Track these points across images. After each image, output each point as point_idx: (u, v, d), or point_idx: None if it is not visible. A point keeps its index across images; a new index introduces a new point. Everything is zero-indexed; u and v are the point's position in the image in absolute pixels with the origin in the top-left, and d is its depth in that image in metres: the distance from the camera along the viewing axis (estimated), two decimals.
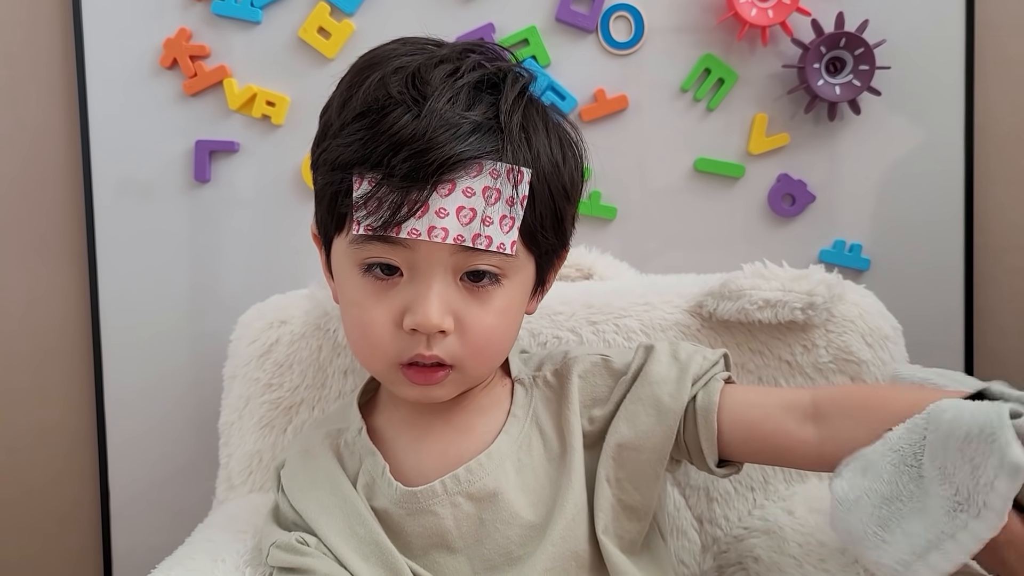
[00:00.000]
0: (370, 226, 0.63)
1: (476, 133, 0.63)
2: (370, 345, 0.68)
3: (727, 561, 0.85)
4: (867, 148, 1.08)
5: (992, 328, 1.12)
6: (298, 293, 0.97)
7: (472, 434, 0.73)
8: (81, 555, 1.17)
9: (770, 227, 1.09)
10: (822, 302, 0.86)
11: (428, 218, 0.63)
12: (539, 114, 0.69)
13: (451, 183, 0.63)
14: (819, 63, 1.04)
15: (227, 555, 0.75)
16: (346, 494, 0.71)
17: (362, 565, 0.68)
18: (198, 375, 1.11)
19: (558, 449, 0.72)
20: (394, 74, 0.65)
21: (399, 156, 0.62)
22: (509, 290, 0.68)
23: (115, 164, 1.09)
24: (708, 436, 0.69)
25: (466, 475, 0.70)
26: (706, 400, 0.70)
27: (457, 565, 0.70)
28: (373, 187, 0.63)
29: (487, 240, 0.64)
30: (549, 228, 0.69)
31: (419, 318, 0.64)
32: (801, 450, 0.67)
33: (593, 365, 0.75)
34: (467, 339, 0.66)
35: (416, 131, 0.62)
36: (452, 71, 0.66)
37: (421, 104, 0.63)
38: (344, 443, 0.75)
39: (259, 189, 1.10)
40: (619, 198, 1.09)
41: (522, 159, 0.65)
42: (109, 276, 1.11)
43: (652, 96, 1.08)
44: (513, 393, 0.75)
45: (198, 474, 1.08)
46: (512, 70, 0.69)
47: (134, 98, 1.08)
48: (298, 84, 1.08)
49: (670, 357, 0.72)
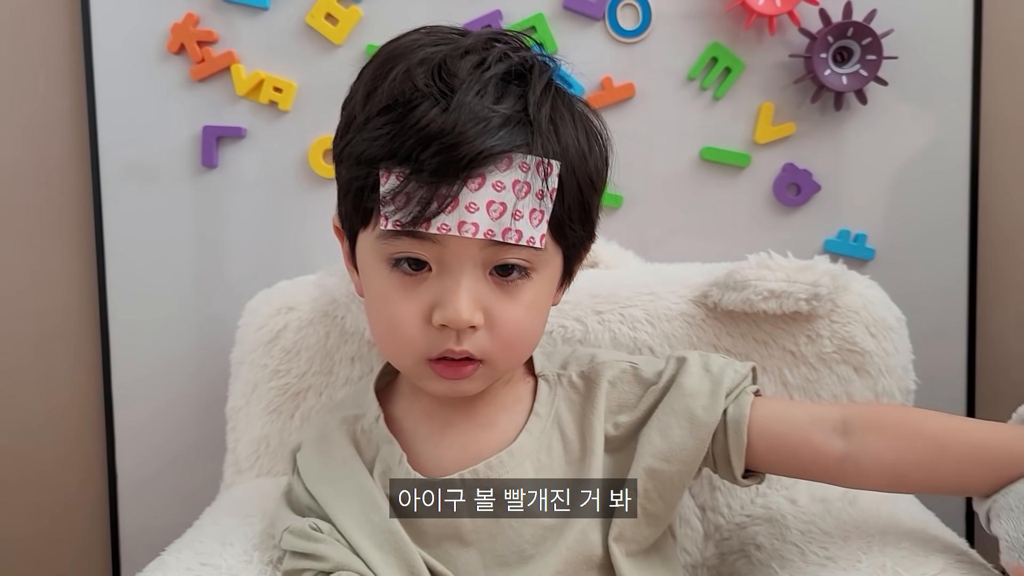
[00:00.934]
0: (399, 221, 0.63)
1: (506, 127, 0.62)
2: (398, 341, 0.67)
3: (729, 549, 0.86)
4: (873, 138, 1.08)
5: (996, 319, 1.12)
6: (305, 279, 0.97)
7: (493, 430, 0.73)
8: (89, 536, 1.18)
9: (775, 216, 1.10)
10: (827, 293, 0.86)
11: (458, 213, 0.62)
12: (565, 105, 0.68)
13: (481, 177, 0.62)
14: (826, 53, 1.04)
15: (235, 539, 0.76)
16: (362, 481, 0.71)
17: (375, 553, 0.68)
18: (205, 359, 1.12)
19: (578, 452, 0.72)
20: (419, 66, 0.64)
21: (428, 151, 0.61)
22: (538, 283, 0.68)
23: (122, 149, 1.09)
24: (738, 449, 0.70)
25: (486, 471, 0.70)
26: (737, 413, 0.70)
27: (469, 558, 0.70)
28: (401, 182, 0.62)
29: (517, 234, 0.63)
30: (577, 220, 0.68)
31: (449, 314, 0.64)
32: (824, 464, 0.68)
33: (623, 372, 0.74)
34: (497, 334, 0.66)
35: (445, 125, 0.61)
36: (479, 62, 0.64)
37: (449, 97, 0.62)
38: (361, 429, 0.75)
39: (266, 175, 1.10)
40: (625, 186, 1.09)
41: (551, 152, 0.64)
42: (116, 260, 1.11)
43: (659, 84, 1.08)
44: (536, 391, 0.75)
45: (205, 456, 1.09)
46: (538, 60, 0.67)
47: (141, 83, 1.08)
48: (305, 70, 1.08)
49: (702, 370, 0.72)
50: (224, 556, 0.73)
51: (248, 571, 0.71)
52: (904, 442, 0.66)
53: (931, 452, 0.66)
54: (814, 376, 0.90)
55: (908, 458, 0.66)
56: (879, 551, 0.69)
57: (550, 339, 0.90)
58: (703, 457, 0.71)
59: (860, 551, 0.71)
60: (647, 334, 0.90)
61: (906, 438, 0.67)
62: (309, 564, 0.68)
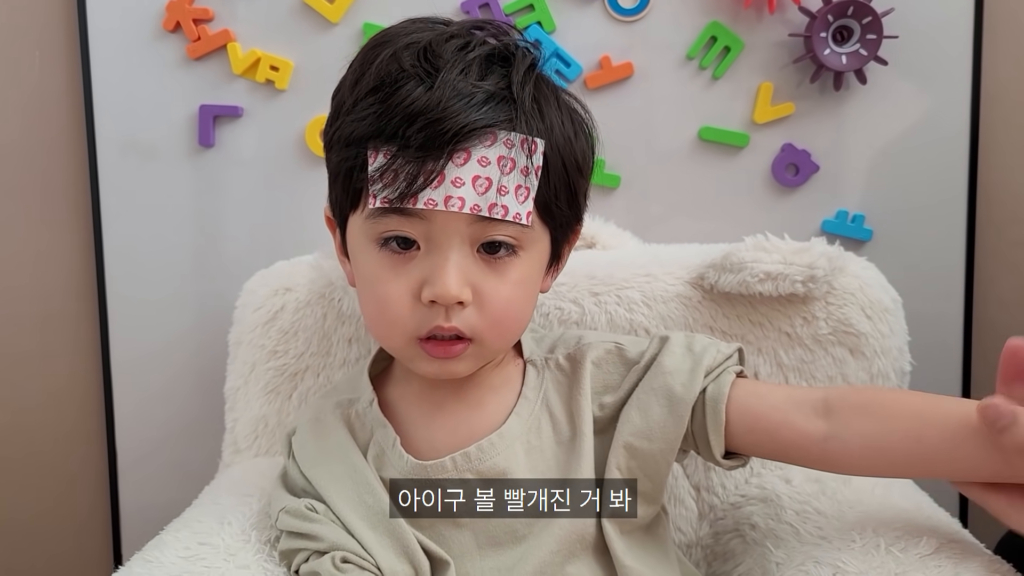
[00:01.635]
0: (386, 198, 0.64)
1: (490, 102, 0.64)
2: (389, 320, 0.68)
3: (723, 528, 0.87)
4: (872, 118, 1.08)
5: (992, 300, 1.12)
6: (303, 260, 0.97)
7: (483, 411, 0.73)
8: (90, 513, 1.19)
9: (774, 197, 1.09)
10: (823, 275, 0.87)
11: (444, 188, 0.63)
12: (550, 89, 0.69)
13: (466, 152, 0.63)
14: (826, 32, 1.03)
15: (233, 518, 0.76)
16: (356, 464, 0.72)
17: (369, 533, 0.69)
18: (203, 337, 1.12)
19: (568, 433, 0.73)
20: (405, 49, 0.65)
21: (414, 127, 0.62)
22: (526, 262, 0.68)
23: (119, 129, 1.09)
24: (716, 427, 0.70)
25: (477, 453, 0.70)
26: (716, 391, 0.70)
27: (462, 539, 0.71)
28: (388, 159, 0.63)
29: (503, 209, 0.64)
30: (563, 201, 0.69)
31: (437, 289, 0.64)
32: (804, 444, 0.68)
33: (607, 353, 0.75)
34: (485, 311, 0.67)
35: (430, 101, 0.62)
36: (463, 45, 0.66)
37: (434, 76, 0.63)
38: (355, 413, 0.76)
39: (263, 154, 1.09)
40: (623, 166, 1.09)
41: (536, 130, 0.65)
42: (114, 240, 1.11)
43: (658, 64, 1.07)
44: (525, 374, 0.76)
45: (204, 433, 1.09)
46: (521, 45, 0.69)
47: (137, 62, 1.08)
48: (302, 49, 1.07)
49: (684, 348, 0.73)
50: (222, 535, 0.73)
51: (246, 550, 0.72)
52: (889, 421, 0.66)
53: (916, 427, 0.65)
54: (809, 357, 0.90)
55: (895, 435, 0.66)
56: (873, 531, 0.70)
57: (546, 321, 0.91)
58: (683, 435, 0.71)
59: (854, 531, 0.71)
60: (643, 316, 0.90)
61: (890, 417, 0.66)
62: (305, 543, 0.69)
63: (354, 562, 0.67)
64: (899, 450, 0.66)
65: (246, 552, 0.71)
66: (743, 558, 0.81)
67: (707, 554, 0.89)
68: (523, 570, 0.69)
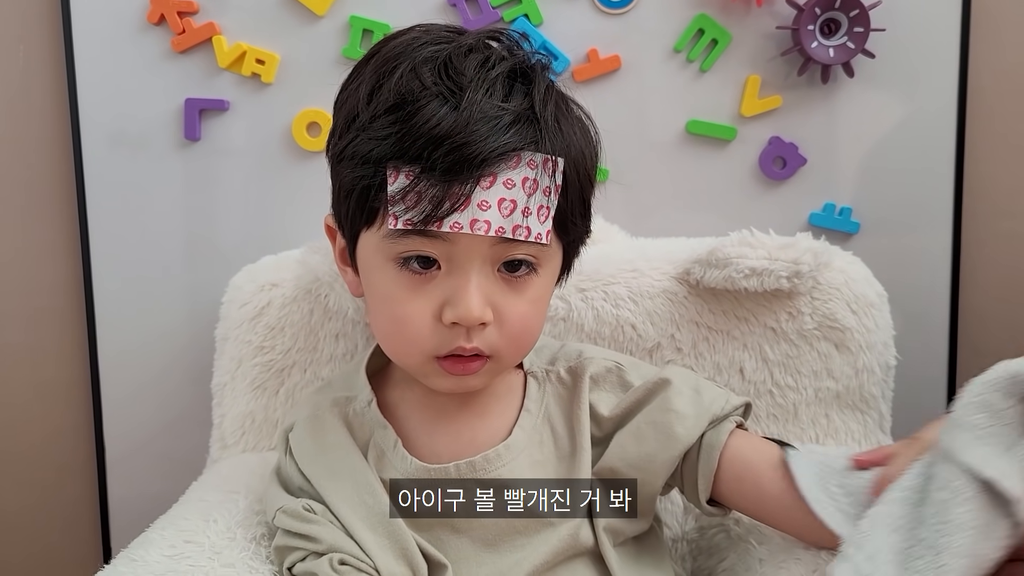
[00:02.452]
0: (410, 220, 0.62)
1: (515, 124, 0.63)
2: (407, 340, 0.67)
3: (709, 523, 0.88)
4: (860, 111, 1.07)
5: (978, 293, 1.13)
6: (290, 255, 0.97)
7: (486, 419, 0.74)
8: (79, 505, 1.19)
9: (761, 190, 1.09)
10: (808, 270, 0.87)
11: (470, 211, 0.62)
12: (565, 103, 0.69)
13: (492, 176, 0.62)
14: (813, 24, 1.03)
15: (219, 515, 0.76)
16: (356, 463, 0.72)
17: (369, 535, 0.69)
18: (192, 330, 1.12)
19: (568, 447, 0.73)
20: (424, 64, 0.64)
21: (440, 150, 0.61)
22: (543, 278, 0.69)
23: (104, 123, 1.08)
24: (706, 473, 0.70)
25: (483, 464, 0.71)
26: (714, 438, 0.71)
27: (460, 544, 0.71)
28: (411, 181, 0.62)
29: (526, 231, 0.64)
30: (578, 215, 0.69)
31: (460, 311, 0.64)
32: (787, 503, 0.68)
33: (607, 371, 0.75)
34: (505, 329, 0.67)
35: (457, 124, 0.61)
36: (483, 60, 0.65)
37: (458, 95, 0.62)
38: (353, 412, 0.75)
39: (250, 147, 1.09)
40: (611, 160, 1.07)
41: (558, 148, 0.65)
42: (100, 234, 1.11)
43: (645, 56, 1.07)
44: (526, 385, 0.76)
45: (193, 424, 1.09)
46: (538, 59, 0.68)
47: (121, 55, 1.07)
48: (288, 42, 1.06)
49: (693, 391, 0.73)
50: (207, 533, 0.73)
51: (231, 548, 0.72)
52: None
53: None
54: (795, 352, 0.90)
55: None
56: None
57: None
58: (671, 474, 0.72)
59: None
60: (630, 311, 0.90)
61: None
62: (302, 544, 0.69)
63: (352, 564, 0.67)
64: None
65: (231, 550, 0.72)
66: (727, 553, 0.82)
67: (692, 548, 0.90)
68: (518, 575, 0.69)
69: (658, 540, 0.77)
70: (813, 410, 0.91)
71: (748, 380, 0.91)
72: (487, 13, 1.05)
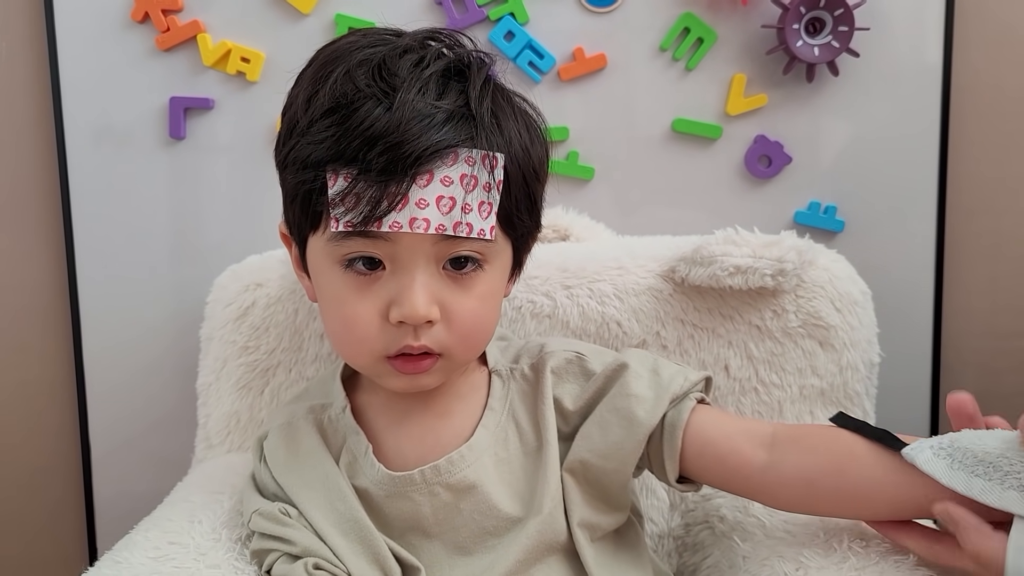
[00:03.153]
0: (350, 222, 0.63)
1: (449, 122, 0.63)
2: (355, 340, 0.68)
3: (694, 519, 0.88)
4: (844, 110, 1.08)
5: (961, 289, 1.13)
6: (274, 254, 0.97)
7: (450, 419, 0.74)
8: (63, 505, 1.19)
9: (746, 188, 1.10)
10: (792, 268, 0.87)
11: (408, 210, 0.62)
12: (504, 99, 0.69)
13: (429, 173, 0.63)
14: (798, 23, 1.03)
15: (204, 516, 0.76)
16: (328, 470, 0.72)
17: (340, 540, 0.69)
18: (177, 328, 1.11)
19: (534, 443, 0.73)
20: (359, 67, 0.65)
21: (375, 150, 0.62)
22: (491, 275, 0.69)
23: (88, 121, 1.08)
24: (671, 452, 0.71)
25: (447, 466, 0.71)
26: (675, 417, 0.71)
27: (432, 548, 0.71)
28: (349, 183, 0.63)
29: (468, 227, 0.64)
30: (524, 211, 0.69)
31: (406, 310, 0.64)
32: (747, 472, 0.69)
33: (567, 362, 0.75)
34: (454, 327, 0.67)
35: (390, 124, 0.62)
36: (418, 60, 0.65)
37: (392, 96, 0.63)
38: (328, 419, 0.76)
39: (235, 146, 1.09)
40: (597, 158, 1.09)
41: (495, 144, 0.65)
42: (84, 232, 1.10)
43: (631, 55, 1.07)
44: (490, 384, 0.76)
45: (179, 423, 1.09)
46: (475, 56, 0.68)
47: (105, 53, 1.06)
48: (273, 40, 1.06)
49: (651, 372, 0.73)
50: (192, 534, 0.73)
51: (216, 549, 0.72)
52: (817, 454, 0.67)
53: (841, 461, 0.66)
54: (779, 350, 0.91)
55: (820, 467, 0.67)
56: (836, 526, 0.71)
57: (519, 314, 0.91)
58: (639, 457, 0.72)
59: (819, 526, 0.72)
60: (615, 309, 0.90)
61: (819, 450, 0.68)
62: (278, 546, 0.70)
63: (326, 568, 0.68)
64: (824, 485, 0.67)
65: (216, 551, 0.72)
66: (712, 550, 0.82)
67: (678, 545, 0.90)
68: None
69: (636, 534, 0.77)
70: (798, 407, 0.91)
71: (733, 377, 0.91)
72: (473, 12, 1.05)
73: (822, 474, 0.67)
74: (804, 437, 0.70)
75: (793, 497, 0.69)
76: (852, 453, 0.66)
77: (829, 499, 0.68)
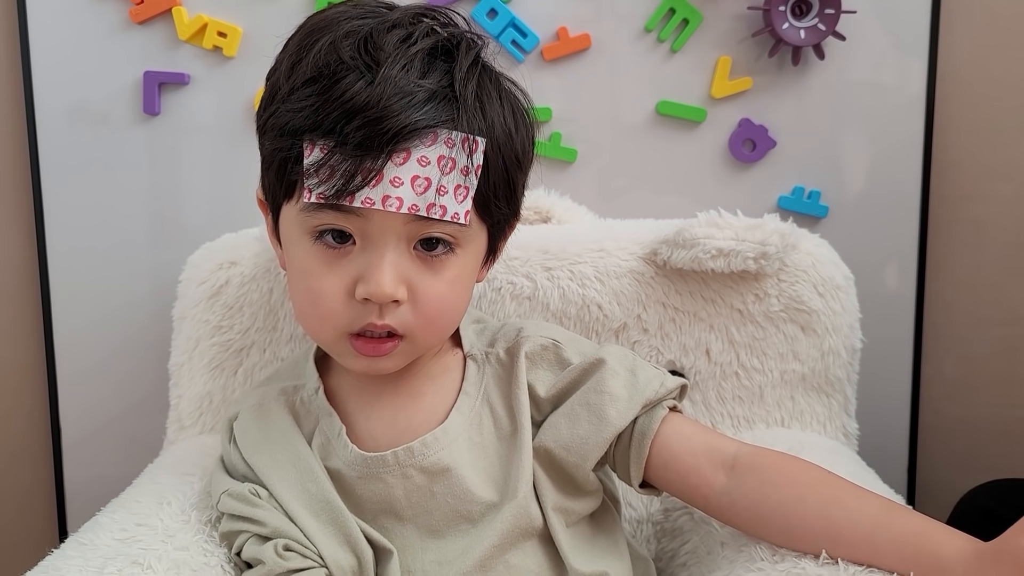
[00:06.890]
0: (322, 194, 0.62)
1: (431, 102, 0.62)
2: (320, 314, 0.67)
3: (673, 505, 0.87)
4: (830, 94, 1.07)
5: (944, 277, 1.13)
6: (249, 232, 0.95)
7: (422, 400, 0.73)
8: (33, 489, 1.17)
9: (730, 172, 1.09)
10: (775, 252, 0.86)
11: (382, 187, 0.62)
12: (492, 82, 0.68)
13: (406, 152, 0.62)
14: (785, 6, 1.02)
15: (173, 498, 0.75)
16: (300, 451, 0.71)
17: (312, 521, 0.68)
18: (152, 309, 1.09)
19: (508, 428, 0.72)
20: (345, 38, 0.63)
21: (352, 124, 0.61)
22: (462, 259, 0.68)
23: (59, 97, 1.05)
24: (638, 459, 0.70)
25: (420, 448, 0.70)
26: (646, 425, 0.70)
27: (405, 532, 0.70)
28: (325, 154, 0.62)
29: (441, 209, 0.63)
30: (502, 197, 0.68)
31: (372, 287, 0.64)
32: (706, 493, 0.69)
33: (543, 349, 0.74)
34: (419, 309, 0.66)
35: (370, 98, 0.61)
36: (405, 36, 0.64)
37: (375, 70, 0.62)
38: (300, 400, 0.75)
39: (212, 122, 1.06)
40: (579, 140, 1.08)
41: (477, 128, 0.64)
42: (55, 210, 1.07)
43: (615, 36, 1.05)
44: (465, 367, 0.75)
45: (153, 406, 1.07)
46: (465, 37, 0.67)
47: (77, 26, 1.03)
48: (251, 14, 1.04)
49: (628, 372, 0.72)
50: (160, 516, 0.71)
51: (185, 531, 0.70)
52: (771, 488, 0.66)
53: (792, 501, 0.65)
54: (761, 334, 0.90)
55: (770, 503, 0.66)
56: None
57: (498, 295, 0.90)
58: (602, 455, 0.71)
59: None
60: (596, 291, 0.89)
61: (773, 484, 0.66)
62: (247, 527, 0.69)
63: (297, 550, 0.67)
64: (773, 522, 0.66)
65: (185, 533, 0.70)
66: (691, 536, 0.81)
67: (657, 530, 0.89)
68: (465, 562, 0.68)
69: (613, 520, 0.76)
70: (779, 392, 0.90)
71: (714, 361, 0.90)
72: None
73: (771, 511, 0.66)
74: (766, 469, 0.68)
75: (743, 525, 0.69)
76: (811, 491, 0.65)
77: (777, 535, 0.66)
